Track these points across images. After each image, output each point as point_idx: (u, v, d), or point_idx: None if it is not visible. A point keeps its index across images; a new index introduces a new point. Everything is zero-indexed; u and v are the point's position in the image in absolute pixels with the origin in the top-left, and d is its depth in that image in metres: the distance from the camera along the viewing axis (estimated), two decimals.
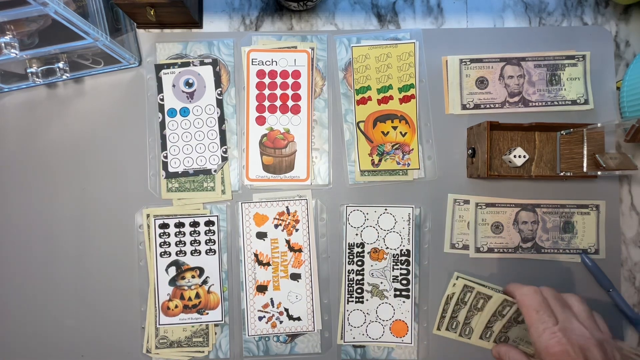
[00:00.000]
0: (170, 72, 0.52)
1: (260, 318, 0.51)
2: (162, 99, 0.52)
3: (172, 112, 0.52)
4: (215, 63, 0.52)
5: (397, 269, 0.51)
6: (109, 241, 0.51)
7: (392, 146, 0.52)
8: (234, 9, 0.53)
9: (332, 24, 0.53)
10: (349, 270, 0.51)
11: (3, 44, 0.41)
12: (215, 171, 0.51)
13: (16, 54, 0.42)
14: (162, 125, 0.52)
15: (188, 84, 0.52)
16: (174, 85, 0.52)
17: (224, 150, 0.51)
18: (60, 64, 0.47)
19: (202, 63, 0.52)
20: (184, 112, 0.52)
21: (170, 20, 0.51)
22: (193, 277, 0.51)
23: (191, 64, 0.52)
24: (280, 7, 0.53)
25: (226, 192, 0.51)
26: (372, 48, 0.52)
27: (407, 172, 0.52)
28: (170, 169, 0.51)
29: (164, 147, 0.51)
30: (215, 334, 0.51)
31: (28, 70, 0.47)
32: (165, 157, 0.51)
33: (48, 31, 0.43)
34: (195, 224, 0.51)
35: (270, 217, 0.51)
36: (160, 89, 0.52)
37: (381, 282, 0.51)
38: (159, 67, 0.52)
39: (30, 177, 0.52)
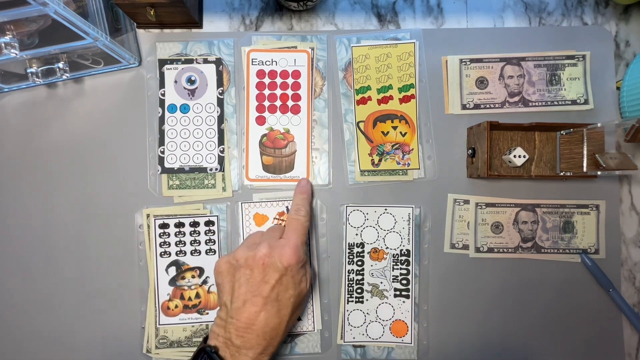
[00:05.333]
0: (174, 68, 0.52)
1: None
2: (163, 94, 0.52)
3: (172, 108, 0.52)
4: (219, 62, 0.52)
5: (397, 269, 0.51)
6: (109, 241, 0.51)
7: (392, 146, 0.52)
8: (234, 9, 0.53)
9: (332, 24, 0.53)
10: (349, 270, 0.51)
11: (3, 44, 0.41)
12: (211, 170, 0.51)
13: (16, 54, 0.42)
14: (162, 120, 0.52)
15: (190, 81, 0.52)
16: (175, 81, 0.52)
17: (221, 149, 0.51)
18: (60, 64, 0.47)
19: (205, 61, 0.52)
20: (184, 108, 0.52)
21: (170, 20, 0.51)
22: (193, 277, 0.51)
23: (195, 62, 0.52)
24: (280, 7, 0.53)
25: (227, 189, 0.51)
26: (372, 48, 0.52)
27: (407, 172, 0.52)
28: (167, 165, 0.51)
29: (161, 142, 0.51)
30: None
31: (28, 70, 0.47)
32: (162, 152, 0.51)
33: (48, 31, 0.43)
34: (195, 224, 0.51)
35: (270, 217, 0.51)
36: (162, 84, 0.52)
37: (381, 282, 0.51)
38: (162, 62, 0.52)
39: (30, 177, 0.52)
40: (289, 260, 0.41)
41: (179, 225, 0.51)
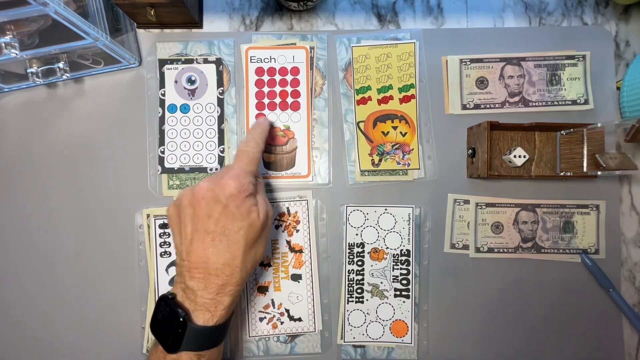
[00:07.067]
0: (174, 68, 0.52)
1: (261, 319, 0.51)
2: (163, 94, 0.52)
3: (173, 108, 0.52)
4: (219, 62, 0.52)
5: (397, 269, 0.51)
6: (109, 241, 0.51)
7: (392, 146, 0.52)
8: (234, 9, 0.53)
9: (332, 24, 0.53)
10: (349, 270, 0.51)
11: (3, 44, 0.41)
12: (211, 170, 0.51)
13: (16, 54, 0.42)
14: (162, 120, 0.52)
15: (190, 81, 0.52)
16: (176, 81, 0.52)
17: (221, 149, 0.51)
18: (60, 64, 0.47)
19: (205, 61, 0.52)
20: (184, 108, 0.52)
21: (170, 20, 0.51)
22: None
23: (195, 62, 0.52)
24: (280, 7, 0.53)
25: None
26: (372, 48, 0.52)
27: (407, 172, 0.52)
28: (167, 165, 0.51)
29: (161, 142, 0.51)
30: None
31: (28, 70, 0.47)
32: (162, 152, 0.51)
33: (48, 31, 0.43)
34: None
35: None
36: (162, 84, 0.52)
37: (381, 282, 0.51)
38: (162, 62, 0.52)
39: (30, 177, 0.51)
40: (230, 190, 0.39)
41: None
